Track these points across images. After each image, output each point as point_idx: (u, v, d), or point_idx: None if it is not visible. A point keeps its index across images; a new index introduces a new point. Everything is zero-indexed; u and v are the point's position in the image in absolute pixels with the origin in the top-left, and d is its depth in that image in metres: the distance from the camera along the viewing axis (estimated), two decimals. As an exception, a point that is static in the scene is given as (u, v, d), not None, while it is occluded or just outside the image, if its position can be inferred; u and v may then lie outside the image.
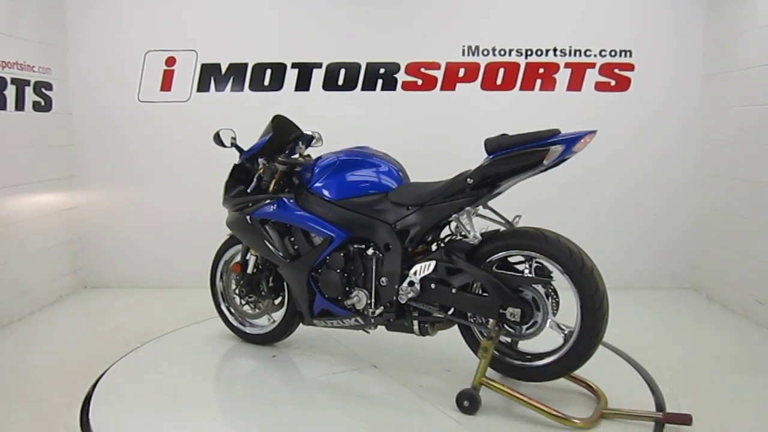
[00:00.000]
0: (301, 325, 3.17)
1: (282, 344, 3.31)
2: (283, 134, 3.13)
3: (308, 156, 3.19)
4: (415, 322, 2.74)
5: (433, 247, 2.80)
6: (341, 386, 2.84)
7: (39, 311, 3.99)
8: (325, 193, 2.90)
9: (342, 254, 2.83)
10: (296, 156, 3.15)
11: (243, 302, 3.30)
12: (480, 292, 2.61)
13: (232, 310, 3.41)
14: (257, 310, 3.30)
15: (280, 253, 3.02)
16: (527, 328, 2.51)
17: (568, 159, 2.41)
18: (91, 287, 4.57)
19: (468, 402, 2.51)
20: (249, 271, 3.22)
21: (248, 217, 3.07)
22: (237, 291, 3.29)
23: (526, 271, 2.52)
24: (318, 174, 2.94)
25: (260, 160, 3.10)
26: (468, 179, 2.54)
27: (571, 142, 2.34)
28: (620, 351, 3.17)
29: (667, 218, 4.43)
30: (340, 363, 3.06)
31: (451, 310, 2.67)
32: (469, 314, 2.66)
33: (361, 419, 2.52)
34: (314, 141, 3.27)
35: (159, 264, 4.51)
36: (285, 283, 3.15)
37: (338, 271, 2.84)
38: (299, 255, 2.99)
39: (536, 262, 2.53)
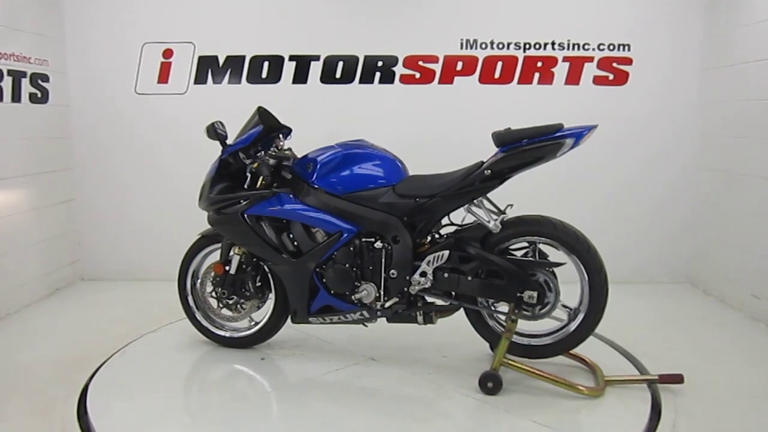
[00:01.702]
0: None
1: (262, 346, 3.16)
2: (269, 127, 3.01)
3: (290, 149, 3.11)
4: (420, 312, 2.80)
5: (428, 238, 2.84)
6: (351, 382, 2.80)
7: (36, 303, 3.98)
8: (331, 187, 2.86)
9: (350, 248, 2.82)
10: (275, 149, 3.05)
11: (222, 305, 3.11)
12: (485, 277, 2.69)
13: (211, 316, 3.22)
14: (239, 313, 3.12)
15: (281, 251, 2.92)
16: (540, 309, 2.66)
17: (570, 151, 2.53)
18: (88, 279, 4.57)
19: (492, 383, 2.60)
20: (232, 271, 3.05)
21: (243, 215, 2.93)
22: (216, 293, 3.11)
23: (530, 255, 2.68)
24: (320, 168, 2.88)
25: (241, 155, 2.98)
26: (486, 171, 2.60)
27: (579, 135, 2.47)
28: (616, 345, 3.18)
29: (664, 212, 4.43)
30: (337, 360, 3.01)
31: (453, 295, 2.75)
32: (478, 299, 2.77)
33: (390, 411, 2.52)
34: (290, 134, 3.17)
35: (156, 256, 4.48)
36: (272, 282, 3.05)
37: (347, 265, 2.82)
38: (300, 252, 2.93)
39: (538, 247, 2.68)
